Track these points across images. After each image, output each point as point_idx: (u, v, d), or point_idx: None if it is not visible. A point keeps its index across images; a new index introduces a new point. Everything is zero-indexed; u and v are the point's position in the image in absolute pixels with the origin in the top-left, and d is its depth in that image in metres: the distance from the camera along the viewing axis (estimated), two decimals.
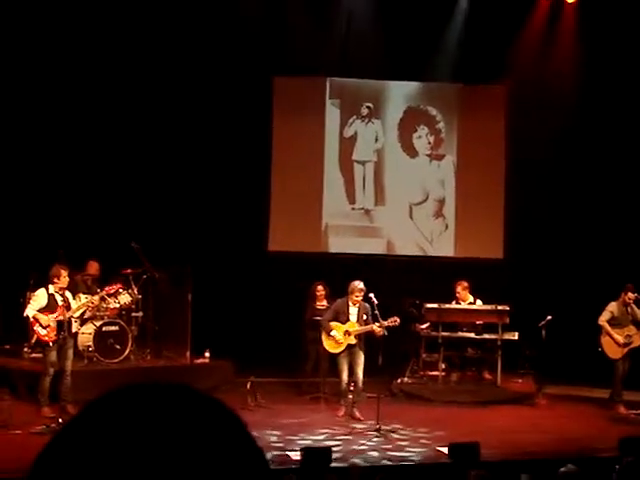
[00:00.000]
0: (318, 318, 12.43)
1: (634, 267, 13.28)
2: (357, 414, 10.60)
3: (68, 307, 10.11)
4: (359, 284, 10.75)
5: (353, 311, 10.85)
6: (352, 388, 10.95)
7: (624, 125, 14.78)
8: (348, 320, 10.82)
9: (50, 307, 10.03)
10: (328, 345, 10.98)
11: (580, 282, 14.28)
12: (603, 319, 11.72)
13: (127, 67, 14.13)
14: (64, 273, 10.04)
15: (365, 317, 10.76)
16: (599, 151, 14.91)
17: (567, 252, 15.07)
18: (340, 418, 10.55)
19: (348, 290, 10.84)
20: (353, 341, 10.73)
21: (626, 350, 11.62)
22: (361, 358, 10.74)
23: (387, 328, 10.76)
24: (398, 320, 10.92)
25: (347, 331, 10.76)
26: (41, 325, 9.96)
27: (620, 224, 14.70)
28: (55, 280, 10.03)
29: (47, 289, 10.10)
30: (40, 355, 10.85)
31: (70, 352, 10.27)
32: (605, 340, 11.72)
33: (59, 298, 10.06)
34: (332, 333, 10.78)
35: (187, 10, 13.98)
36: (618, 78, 14.62)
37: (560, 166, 15.21)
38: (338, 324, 10.83)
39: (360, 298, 10.73)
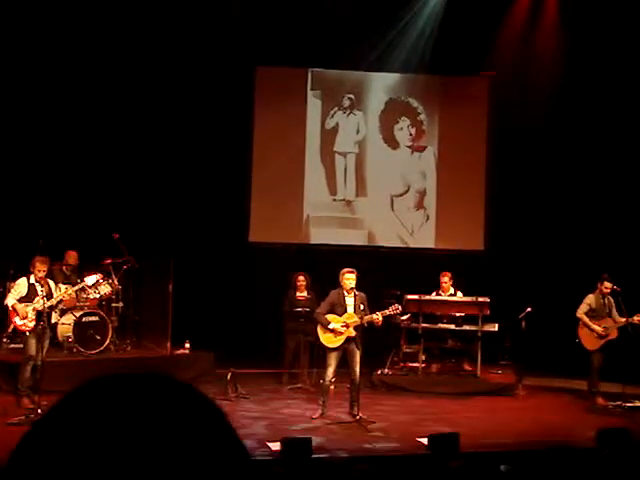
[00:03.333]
0: (298, 309, 12.44)
1: (612, 259, 13.38)
2: (359, 412, 10.01)
3: (50, 296, 10.06)
4: (348, 268, 10.23)
5: (349, 301, 10.18)
6: (332, 382, 10.86)
7: (606, 118, 14.83)
8: (345, 311, 10.18)
9: (30, 296, 10.00)
10: (325, 339, 10.22)
11: (559, 274, 14.36)
12: (581, 311, 11.79)
13: (107, 60, 14.05)
14: (38, 265, 9.99)
15: (362, 307, 10.12)
16: (581, 144, 14.98)
17: (547, 244, 15.15)
18: (315, 420, 10.01)
19: (340, 278, 10.25)
20: (352, 333, 10.07)
21: (603, 342, 11.69)
22: (358, 354, 10.08)
23: (388, 316, 10.42)
24: (400, 308, 10.67)
25: (346, 323, 10.12)
26: (18, 315, 9.93)
27: (599, 216, 14.79)
28: (34, 270, 10.01)
29: (28, 278, 10.07)
30: (19, 345, 10.80)
31: (47, 343, 10.22)
32: (583, 332, 11.79)
33: (39, 288, 10.02)
34: (331, 326, 10.08)
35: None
36: (600, 69, 14.67)
37: (541, 158, 15.27)
38: (335, 316, 10.18)
39: (351, 282, 10.11)
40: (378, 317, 10.13)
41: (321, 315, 10.32)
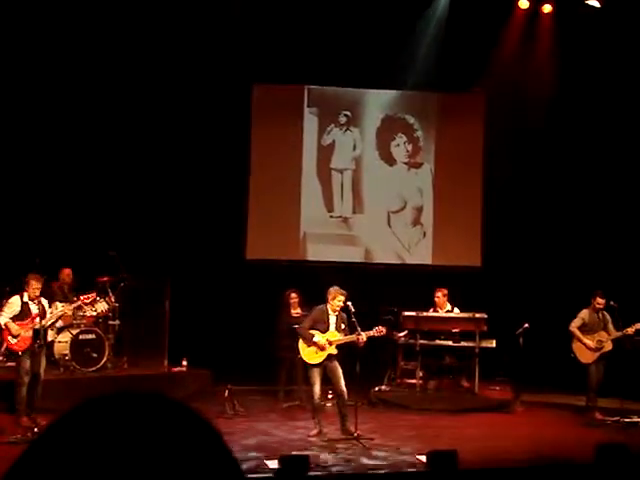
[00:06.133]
0: (295, 326, 12.39)
1: (609, 273, 13.40)
2: (351, 428, 9.95)
3: (43, 315, 10.03)
4: (340, 289, 10.10)
5: (332, 320, 10.11)
6: (329, 398, 10.86)
7: (603, 133, 14.88)
8: (328, 329, 10.10)
9: (23, 315, 9.96)
10: (307, 355, 10.16)
11: (557, 290, 14.35)
12: (574, 325, 11.82)
13: (102, 77, 14.07)
14: (34, 283, 9.96)
15: (343, 326, 10.06)
16: (577, 159, 15.01)
17: (544, 260, 15.15)
18: (313, 438, 9.96)
19: (328, 297, 10.14)
20: (334, 351, 10.03)
21: (597, 355, 11.69)
22: (340, 370, 10.04)
23: (372, 338, 10.30)
24: (384, 330, 10.55)
25: (329, 340, 10.03)
26: (11, 334, 9.89)
27: (596, 231, 14.81)
28: (27, 288, 9.98)
29: (21, 297, 10.03)
30: (13, 364, 10.75)
31: (43, 359, 10.17)
32: (577, 346, 11.81)
33: (33, 306, 10.00)
34: (315, 339, 10.00)
35: (167, 16, 13.93)
36: (594, 85, 14.73)
37: (537, 174, 15.30)
38: (318, 333, 10.08)
39: (341, 303, 10.01)
40: (362, 337, 10.03)
41: (304, 330, 10.26)
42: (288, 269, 14.94)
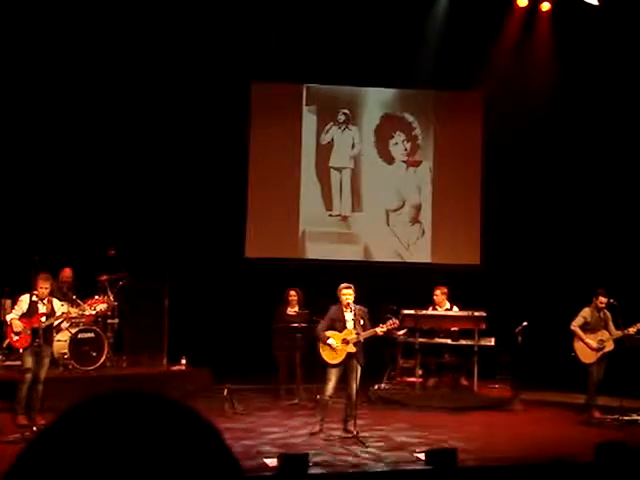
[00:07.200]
0: (294, 325, 12.39)
1: (608, 272, 13.39)
2: (351, 427, 9.92)
3: (51, 315, 10.06)
4: (345, 284, 10.15)
5: (349, 317, 10.09)
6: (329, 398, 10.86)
7: (601, 131, 14.88)
8: (345, 327, 10.10)
9: (29, 313, 10.00)
10: (326, 355, 10.12)
11: (556, 288, 14.36)
12: (575, 324, 11.76)
13: (102, 76, 14.06)
14: (40, 282, 10.02)
15: (362, 322, 10.00)
16: (575, 157, 15.01)
17: (543, 258, 15.15)
18: (313, 436, 9.94)
19: (338, 295, 10.16)
20: (353, 350, 9.98)
21: (599, 354, 11.66)
22: (358, 370, 9.98)
23: (387, 331, 10.36)
24: (397, 322, 10.62)
25: (345, 339, 10.03)
26: (13, 331, 9.94)
27: (595, 229, 14.81)
28: (35, 287, 10.04)
29: (31, 296, 10.08)
30: (14, 363, 10.77)
31: (46, 361, 10.17)
32: (578, 345, 11.75)
33: (41, 306, 10.03)
34: (329, 341, 10.01)
35: (166, 15, 13.93)
36: (593, 83, 14.73)
37: (536, 172, 15.30)
38: (335, 332, 10.09)
39: (349, 297, 10.02)
40: (377, 332, 10.11)
41: (320, 331, 10.25)
42: (287, 267, 14.93)
